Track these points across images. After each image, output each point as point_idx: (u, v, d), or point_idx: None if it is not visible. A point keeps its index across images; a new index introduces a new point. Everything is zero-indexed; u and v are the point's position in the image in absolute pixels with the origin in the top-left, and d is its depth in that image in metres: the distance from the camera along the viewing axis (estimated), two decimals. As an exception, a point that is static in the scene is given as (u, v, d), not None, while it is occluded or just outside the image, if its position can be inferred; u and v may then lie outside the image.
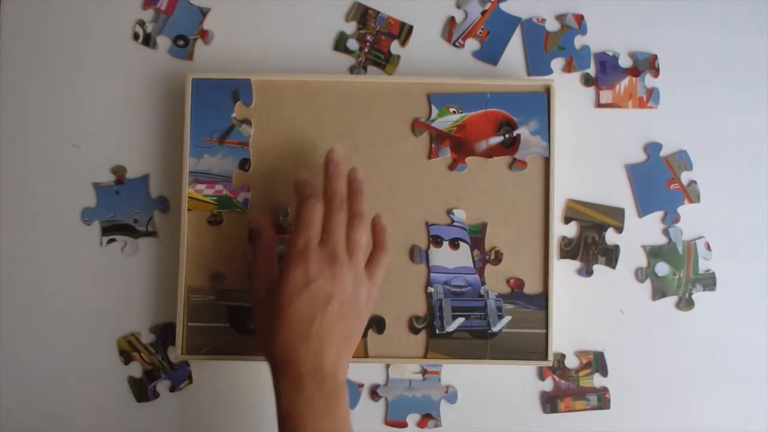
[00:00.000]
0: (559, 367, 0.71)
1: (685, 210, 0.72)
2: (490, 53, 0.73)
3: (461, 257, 0.69)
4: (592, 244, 0.71)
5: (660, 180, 0.72)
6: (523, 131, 0.70)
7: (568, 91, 0.72)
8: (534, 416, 0.71)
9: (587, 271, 0.71)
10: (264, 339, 0.61)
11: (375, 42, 0.73)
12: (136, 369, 0.71)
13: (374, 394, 0.71)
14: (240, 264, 0.69)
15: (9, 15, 0.73)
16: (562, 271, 0.71)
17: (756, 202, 0.72)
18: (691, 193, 0.72)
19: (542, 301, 0.69)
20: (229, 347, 0.68)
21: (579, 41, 0.73)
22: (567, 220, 0.72)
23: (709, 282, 0.71)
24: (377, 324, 0.69)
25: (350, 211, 0.64)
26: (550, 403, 0.71)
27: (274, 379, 0.60)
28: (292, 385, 0.59)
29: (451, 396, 0.71)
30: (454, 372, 0.71)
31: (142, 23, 0.73)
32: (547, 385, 0.71)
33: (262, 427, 0.70)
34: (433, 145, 0.70)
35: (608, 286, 0.71)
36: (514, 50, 0.73)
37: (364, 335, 0.69)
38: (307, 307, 0.60)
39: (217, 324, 0.68)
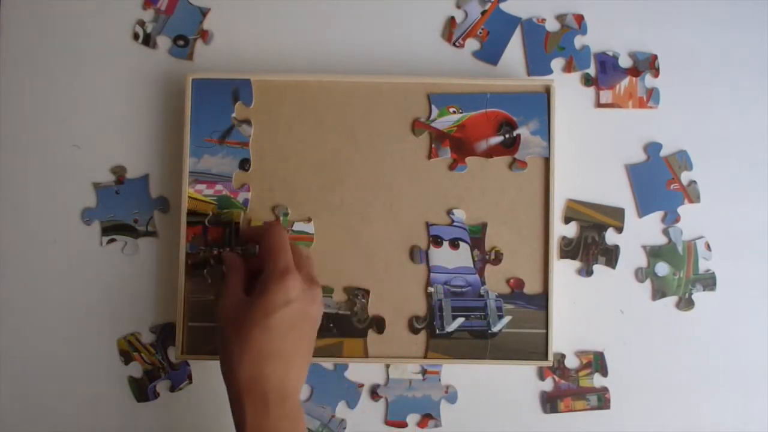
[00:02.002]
0: (559, 367, 0.71)
1: (685, 210, 0.72)
2: (490, 53, 0.73)
3: (461, 257, 0.69)
4: (592, 244, 0.71)
5: (660, 180, 0.72)
6: (523, 131, 0.70)
7: (568, 91, 0.72)
8: (534, 416, 0.71)
9: (587, 271, 0.71)
10: (229, 360, 0.60)
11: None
12: (136, 369, 0.71)
13: (374, 394, 0.71)
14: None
15: (9, 15, 0.73)
16: (562, 271, 0.71)
17: (756, 202, 0.72)
18: (691, 193, 0.72)
19: (542, 301, 0.69)
20: (229, 347, 0.68)
21: (579, 41, 0.73)
22: (567, 220, 0.72)
23: (709, 282, 0.71)
24: (377, 324, 0.69)
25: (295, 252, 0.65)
26: (550, 403, 0.71)
27: (236, 408, 0.59)
28: (258, 409, 0.58)
29: (451, 396, 0.71)
30: (454, 372, 0.71)
31: (142, 23, 0.73)
32: (547, 385, 0.71)
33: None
34: (433, 145, 0.70)
35: (608, 286, 0.71)
36: (514, 50, 0.73)
37: (364, 335, 0.69)
38: (282, 325, 0.59)
39: (216, 324, 0.68)
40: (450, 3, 0.74)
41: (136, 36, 0.73)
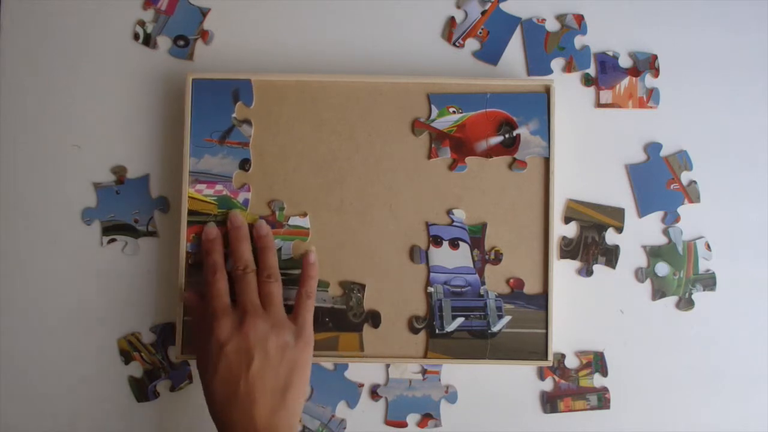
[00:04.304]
0: (559, 367, 0.71)
1: (685, 210, 0.72)
2: (490, 53, 0.73)
3: (461, 257, 0.69)
4: (592, 244, 0.71)
5: (660, 180, 0.72)
6: (523, 131, 0.70)
7: (568, 91, 0.72)
8: (534, 416, 0.71)
9: (587, 271, 0.71)
10: (208, 404, 0.62)
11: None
12: (136, 369, 0.71)
13: (374, 393, 0.71)
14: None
15: (9, 15, 0.73)
16: (562, 271, 0.71)
17: (756, 202, 0.72)
18: (691, 193, 0.72)
19: (542, 301, 0.69)
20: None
21: (579, 41, 0.73)
22: (567, 220, 0.72)
23: (709, 282, 0.71)
24: (373, 318, 0.69)
25: (261, 265, 0.66)
26: (550, 403, 0.71)
27: None
28: None
29: (451, 396, 0.71)
30: (454, 372, 0.71)
31: (142, 23, 0.73)
32: (547, 385, 0.71)
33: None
34: (433, 145, 0.70)
35: (608, 286, 0.71)
36: (514, 50, 0.73)
37: (360, 329, 0.69)
38: (228, 370, 0.60)
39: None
40: (450, 3, 0.74)
41: (136, 36, 0.73)
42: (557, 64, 0.73)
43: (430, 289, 0.69)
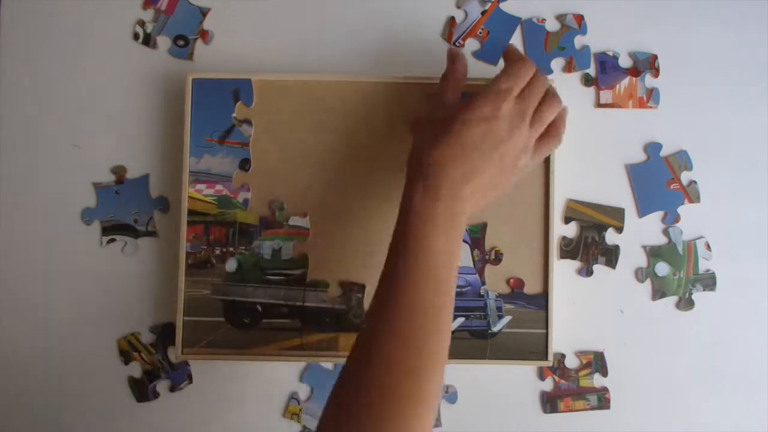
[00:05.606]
0: (559, 367, 0.71)
1: (685, 210, 0.72)
2: (490, 53, 0.73)
3: (461, 257, 0.69)
4: (592, 244, 0.71)
5: (660, 180, 0.72)
6: (523, 131, 0.70)
7: (568, 91, 0.72)
8: (534, 416, 0.71)
9: (587, 271, 0.71)
10: (422, 143, 0.61)
11: (375, 42, 0.73)
12: (136, 369, 0.71)
13: (374, 394, 0.71)
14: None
15: (9, 15, 0.73)
16: (562, 271, 0.71)
17: (756, 202, 0.72)
18: (691, 193, 0.72)
19: (542, 301, 0.69)
20: (224, 341, 0.68)
21: (579, 41, 0.73)
22: (567, 220, 0.72)
23: (709, 282, 0.71)
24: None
25: (550, 90, 0.65)
26: (550, 403, 0.71)
27: (410, 179, 0.61)
28: (429, 192, 0.59)
29: (451, 396, 0.71)
30: (454, 372, 0.71)
31: (142, 23, 0.73)
32: (547, 385, 0.71)
33: (261, 426, 0.70)
34: (433, 145, 0.70)
35: (608, 286, 0.71)
36: (514, 50, 0.73)
37: (359, 329, 0.68)
38: (477, 137, 0.60)
39: (212, 318, 0.68)
40: (450, 3, 0.74)
41: (136, 36, 0.73)
42: (557, 64, 0.73)
43: (430, 289, 0.69)
